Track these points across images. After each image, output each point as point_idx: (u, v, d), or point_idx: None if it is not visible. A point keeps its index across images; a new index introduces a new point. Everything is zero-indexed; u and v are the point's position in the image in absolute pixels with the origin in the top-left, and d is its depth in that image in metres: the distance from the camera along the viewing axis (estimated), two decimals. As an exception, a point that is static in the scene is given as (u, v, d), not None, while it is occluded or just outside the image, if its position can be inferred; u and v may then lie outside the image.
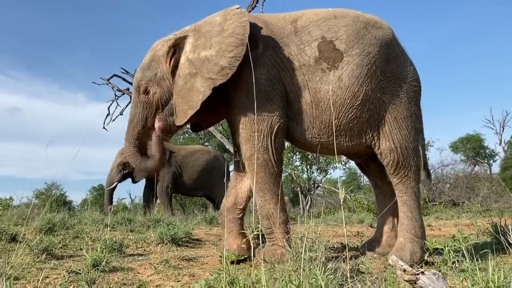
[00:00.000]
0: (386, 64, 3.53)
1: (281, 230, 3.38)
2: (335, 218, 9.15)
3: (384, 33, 3.62)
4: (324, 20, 3.54)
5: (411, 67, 3.72)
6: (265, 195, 3.38)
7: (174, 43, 3.60)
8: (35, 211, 7.68)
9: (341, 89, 3.38)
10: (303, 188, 15.03)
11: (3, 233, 4.79)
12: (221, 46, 3.33)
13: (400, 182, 3.59)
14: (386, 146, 3.52)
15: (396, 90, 3.54)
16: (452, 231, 7.47)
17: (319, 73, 3.40)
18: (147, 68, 3.66)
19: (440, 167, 16.03)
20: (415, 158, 3.58)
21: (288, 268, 2.74)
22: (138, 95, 3.69)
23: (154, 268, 3.46)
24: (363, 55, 3.43)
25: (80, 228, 5.49)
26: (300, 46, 3.45)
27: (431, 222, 9.04)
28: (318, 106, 3.41)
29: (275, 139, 3.37)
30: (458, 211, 12.12)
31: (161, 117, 3.65)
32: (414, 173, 3.59)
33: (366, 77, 3.41)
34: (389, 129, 3.52)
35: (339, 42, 3.44)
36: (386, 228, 3.97)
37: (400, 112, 3.53)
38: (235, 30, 3.33)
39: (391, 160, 3.54)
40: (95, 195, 17.80)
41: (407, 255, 3.44)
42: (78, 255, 4.12)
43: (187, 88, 3.42)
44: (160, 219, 6.36)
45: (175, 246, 4.62)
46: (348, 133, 3.50)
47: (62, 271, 3.29)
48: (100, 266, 3.20)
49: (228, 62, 3.27)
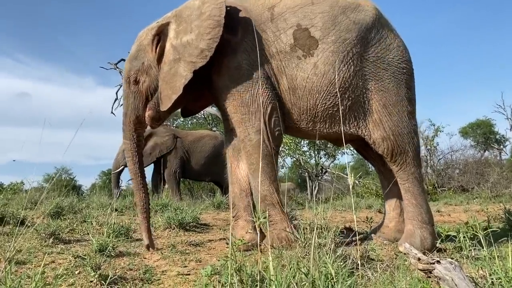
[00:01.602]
0: (367, 48, 3.44)
1: (278, 211, 3.34)
2: (343, 204, 9.10)
3: (365, 16, 3.51)
4: (301, 7, 3.48)
5: (399, 48, 3.58)
6: (261, 176, 3.34)
7: (157, 31, 3.60)
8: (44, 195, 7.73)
9: (317, 76, 3.34)
10: (310, 173, 14.99)
11: (11, 216, 4.82)
12: (200, 30, 3.36)
13: (400, 170, 3.53)
14: (378, 135, 3.46)
15: (381, 75, 3.45)
16: (462, 217, 7.38)
17: (295, 60, 3.38)
18: (134, 58, 3.67)
19: (450, 153, 15.84)
20: (412, 143, 3.51)
21: (296, 254, 2.69)
22: (128, 86, 3.67)
23: (161, 253, 3.44)
24: (339, 42, 3.37)
25: (87, 213, 5.49)
26: (276, 33, 3.43)
27: (440, 208, 8.95)
28: (295, 92, 3.39)
29: (269, 120, 3.35)
30: (468, 197, 12.00)
31: (151, 106, 3.67)
32: (413, 159, 3.51)
33: (343, 64, 3.34)
34: (379, 117, 3.44)
35: (314, 30, 3.40)
36: (394, 214, 3.92)
37: (389, 98, 3.44)
38: (211, 12, 3.35)
39: (385, 148, 3.48)
40: (104, 180, 17.91)
41: (417, 241, 3.38)
42: (85, 240, 4.12)
43: (172, 74, 3.45)
44: (168, 204, 6.34)
45: (182, 231, 4.60)
46: (328, 120, 3.45)
47: (68, 255, 3.27)
48: (106, 251, 3.18)
49: (207, 44, 3.30)
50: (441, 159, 15.65)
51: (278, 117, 3.40)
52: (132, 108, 3.66)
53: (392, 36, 3.58)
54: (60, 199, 5.90)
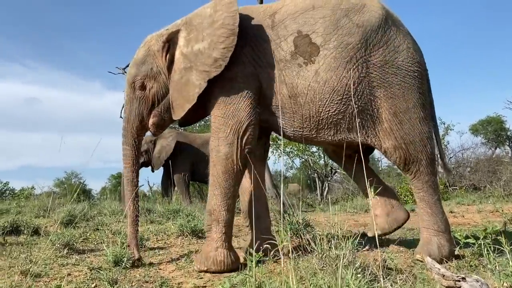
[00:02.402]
0: (373, 52, 3.31)
1: (219, 230, 3.23)
2: (354, 205, 9.02)
3: (370, 17, 3.37)
4: (301, 13, 3.40)
5: (410, 50, 3.42)
6: (215, 190, 3.27)
7: (167, 38, 3.55)
8: (56, 201, 7.78)
9: (319, 83, 3.25)
10: (320, 174, 14.91)
11: (25, 226, 4.84)
12: (212, 38, 3.31)
13: (414, 178, 3.44)
14: (389, 144, 3.36)
15: (390, 81, 3.32)
16: (476, 218, 7.28)
17: (295, 68, 3.30)
18: (141, 63, 3.61)
19: (461, 151, 15.66)
20: (425, 151, 3.39)
21: (314, 266, 2.66)
22: (133, 91, 3.62)
23: (176, 264, 3.42)
24: (341, 47, 3.26)
25: (100, 220, 5.51)
26: (277, 41, 3.36)
27: (453, 208, 8.84)
28: (297, 100, 3.31)
29: (242, 135, 3.28)
30: (480, 196, 11.83)
31: (156, 112, 3.63)
32: (427, 166, 3.40)
33: (346, 70, 3.24)
34: (389, 126, 3.33)
35: (315, 36, 3.31)
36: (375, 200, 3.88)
37: (399, 105, 3.32)
38: (225, 20, 3.30)
39: (398, 157, 3.38)
40: (114, 183, 17.97)
41: (434, 249, 3.32)
42: (99, 249, 4.12)
43: (183, 82, 3.41)
44: (180, 210, 6.34)
45: (195, 238, 4.59)
46: (333, 128, 3.35)
47: (84, 267, 3.27)
48: (122, 263, 3.17)
49: (221, 54, 3.25)
50: (452, 158, 15.48)
51: (253, 136, 3.33)
52: (136, 114, 3.61)
53: (401, 37, 3.43)
54: (71, 206, 5.91)
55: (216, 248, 3.17)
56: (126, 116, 3.65)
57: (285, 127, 3.42)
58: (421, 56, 3.54)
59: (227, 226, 3.26)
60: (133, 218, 3.53)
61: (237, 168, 3.28)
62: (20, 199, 9.93)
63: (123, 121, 3.69)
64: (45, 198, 8.35)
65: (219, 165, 3.26)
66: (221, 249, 3.17)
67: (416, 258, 3.36)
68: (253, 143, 3.36)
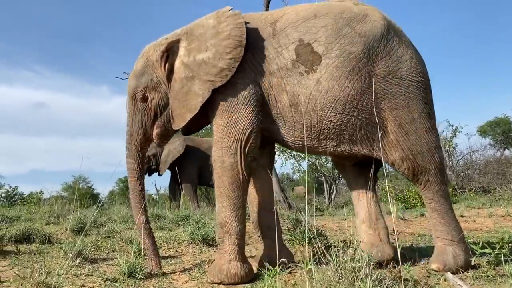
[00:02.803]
0: (376, 62, 3.28)
1: (231, 242, 3.20)
2: (363, 210, 8.94)
3: (373, 27, 3.34)
4: (303, 21, 3.38)
5: (413, 60, 3.38)
6: (223, 201, 3.24)
7: (167, 47, 3.53)
8: (66, 207, 7.81)
9: (320, 92, 3.22)
10: (327, 177, 14.87)
11: (37, 234, 4.86)
12: (218, 49, 3.30)
13: (424, 188, 3.40)
14: (397, 156, 3.32)
15: (394, 92, 3.29)
16: (488, 223, 7.22)
17: (296, 76, 3.27)
18: (141, 75, 3.59)
19: (469, 153, 15.55)
20: (433, 161, 3.35)
21: (329, 278, 2.64)
22: (135, 103, 3.60)
23: (189, 274, 3.42)
24: (343, 56, 3.23)
25: (110, 227, 5.52)
26: (278, 49, 3.34)
27: (463, 212, 8.76)
28: (298, 109, 3.28)
29: (245, 144, 3.25)
30: (490, 199, 11.73)
31: (159, 123, 3.62)
32: (436, 176, 3.35)
33: (348, 80, 3.21)
34: (395, 138, 3.30)
35: (317, 44, 3.28)
36: (364, 227, 3.72)
37: (404, 116, 3.29)
38: (231, 32, 3.30)
39: (406, 169, 3.35)
40: (122, 187, 18.01)
41: (449, 258, 3.28)
42: (111, 258, 4.13)
43: (184, 92, 3.40)
44: (189, 216, 6.34)
45: (206, 246, 4.59)
46: (336, 139, 3.31)
47: (98, 278, 3.28)
48: (136, 274, 3.16)
49: (227, 64, 3.24)
50: (460, 160, 15.38)
51: (255, 144, 3.31)
52: (140, 126, 3.59)
53: (403, 47, 3.39)
54: (82, 214, 5.93)
55: (229, 261, 3.15)
56: (129, 129, 3.63)
57: (286, 136, 3.39)
58: (423, 66, 3.51)
59: (240, 238, 3.23)
60: (147, 230, 3.52)
61: (243, 178, 3.26)
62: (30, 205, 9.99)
63: (126, 134, 3.66)
64: (54, 203, 8.40)
65: (224, 176, 3.23)
66: (234, 261, 3.15)
67: (431, 268, 3.33)
68: (256, 151, 3.34)
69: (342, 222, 7.36)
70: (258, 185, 3.71)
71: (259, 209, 3.69)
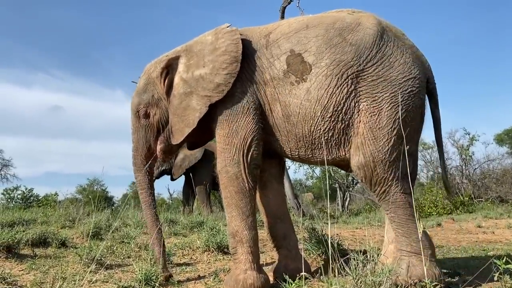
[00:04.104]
0: (366, 68, 3.19)
1: (245, 250, 3.19)
2: (378, 218, 8.85)
3: (365, 35, 3.26)
4: (295, 32, 3.37)
5: (406, 65, 3.23)
6: (232, 211, 3.24)
7: (166, 64, 3.61)
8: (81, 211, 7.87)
9: (310, 101, 3.19)
10: (341, 184, 14.75)
11: (53, 238, 4.90)
12: (215, 64, 3.35)
13: (381, 200, 3.23)
14: (357, 160, 3.18)
15: (377, 96, 3.17)
16: (507, 234, 7.06)
17: (288, 86, 3.26)
18: (143, 92, 3.69)
19: (486, 162, 15.28)
20: (396, 170, 3.15)
21: (349, 291, 2.59)
22: (138, 120, 3.69)
23: (205, 283, 3.40)
24: (333, 65, 3.19)
25: (125, 232, 5.54)
26: (270, 59, 3.35)
27: (481, 222, 8.60)
28: (289, 119, 3.27)
29: (247, 153, 3.26)
30: (508, 209, 11.50)
31: (162, 139, 3.69)
32: (394, 185, 3.15)
33: (336, 87, 3.16)
34: (362, 141, 3.16)
35: (307, 54, 3.26)
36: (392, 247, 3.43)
37: (378, 120, 3.14)
38: (227, 48, 3.35)
39: (363, 176, 3.20)
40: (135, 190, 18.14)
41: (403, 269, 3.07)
42: (126, 264, 4.13)
43: (183, 107, 3.46)
44: (203, 222, 6.32)
45: (221, 254, 4.56)
46: (325, 147, 3.25)
47: (113, 285, 3.28)
48: (151, 281, 3.15)
49: (223, 79, 3.29)
50: (477, 169, 15.12)
51: (257, 152, 3.30)
52: (144, 142, 3.68)
53: (398, 52, 3.27)
54: (97, 218, 5.96)
55: (245, 271, 3.13)
56: (134, 145, 3.73)
57: (283, 147, 3.38)
58: (418, 71, 3.29)
59: (253, 246, 3.22)
60: (160, 240, 3.56)
61: (249, 186, 3.26)
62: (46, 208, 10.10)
63: (132, 150, 3.75)
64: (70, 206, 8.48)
65: (231, 186, 3.25)
66: (250, 271, 3.13)
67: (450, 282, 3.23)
68: (259, 159, 3.34)
69: (357, 230, 7.28)
70: (270, 195, 3.69)
71: (273, 219, 3.67)
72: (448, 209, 11.99)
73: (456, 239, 6.49)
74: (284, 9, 11.30)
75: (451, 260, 4.56)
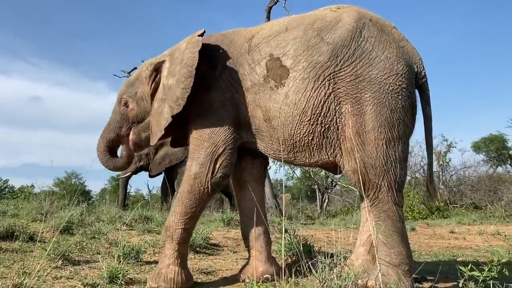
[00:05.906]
0: (343, 67, 3.10)
1: (172, 247, 3.25)
2: (354, 220, 8.90)
3: (342, 32, 3.16)
4: (275, 35, 3.36)
5: (388, 61, 3.08)
6: (177, 207, 3.28)
7: (155, 67, 3.67)
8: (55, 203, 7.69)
9: (288, 106, 3.18)
10: (320, 185, 14.84)
11: (21, 231, 4.76)
12: (178, 76, 3.37)
13: (372, 206, 3.14)
14: (349, 166, 3.12)
15: (358, 97, 3.05)
16: (478, 240, 7.21)
17: (268, 91, 3.26)
18: (130, 85, 3.80)
19: (462, 169, 15.58)
20: (387, 176, 3.05)
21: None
22: (119, 105, 3.80)
23: (172, 282, 3.34)
24: (309, 67, 3.14)
25: (97, 228, 5.43)
26: (252, 65, 3.36)
27: (454, 228, 8.76)
28: (271, 124, 3.27)
29: (217, 159, 3.28)
30: (481, 216, 11.75)
31: (136, 130, 3.78)
32: (387, 194, 3.06)
33: (313, 90, 3.12)
34: (351, 146, 3.08)
35: (285, 58, 3.25)
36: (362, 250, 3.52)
37: (364, 124, 3.04)
38: (187, 61, 3.34)
39: (356, 181, 3.14)
40: (114, 185, 17.93)
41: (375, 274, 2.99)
42: (94, 261, 4.05)
43: (159, 112, 3.51)
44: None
45: (193, 252, 4.52)
46: (307, 150, 3.22)
47: (78, 282, 3.20)
48: (117, 279, 3.10)
49: (180, 93, 3.30)
50: (454, 175, 15.40)
51: (228, 162, 3.31)
52: (116, 126, 3.78)
53: (380, 48, 3.12)
54: (69, 213, 5.83)
55: (168, 265, 3.20)
56: (108, 122, 3.86)
57: (267, 150, 3.40)
58: (403, 67, 3.11)
59: (181, 244, 3.28)
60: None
61: (204, 191, 3.26)
62: (19, 200, 9.84)
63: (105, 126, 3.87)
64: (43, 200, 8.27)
65: (186, 184, 3.29)
66: (172, 266, 3.20)
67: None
68: (229, 169, 3.33)
69: (332, 232, 7.32)
70: (248, 195, 3.67)
71: (247, 219, 3.66)
72: (423, 214, 12.20)
73: (428, 244, 6.60)
74: (270, 9, 11.30)
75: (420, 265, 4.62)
